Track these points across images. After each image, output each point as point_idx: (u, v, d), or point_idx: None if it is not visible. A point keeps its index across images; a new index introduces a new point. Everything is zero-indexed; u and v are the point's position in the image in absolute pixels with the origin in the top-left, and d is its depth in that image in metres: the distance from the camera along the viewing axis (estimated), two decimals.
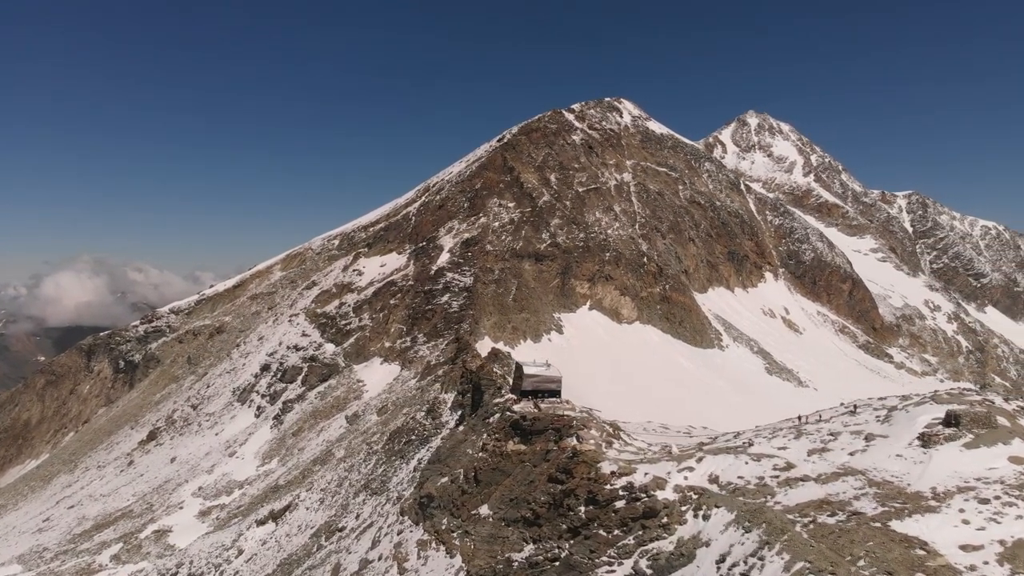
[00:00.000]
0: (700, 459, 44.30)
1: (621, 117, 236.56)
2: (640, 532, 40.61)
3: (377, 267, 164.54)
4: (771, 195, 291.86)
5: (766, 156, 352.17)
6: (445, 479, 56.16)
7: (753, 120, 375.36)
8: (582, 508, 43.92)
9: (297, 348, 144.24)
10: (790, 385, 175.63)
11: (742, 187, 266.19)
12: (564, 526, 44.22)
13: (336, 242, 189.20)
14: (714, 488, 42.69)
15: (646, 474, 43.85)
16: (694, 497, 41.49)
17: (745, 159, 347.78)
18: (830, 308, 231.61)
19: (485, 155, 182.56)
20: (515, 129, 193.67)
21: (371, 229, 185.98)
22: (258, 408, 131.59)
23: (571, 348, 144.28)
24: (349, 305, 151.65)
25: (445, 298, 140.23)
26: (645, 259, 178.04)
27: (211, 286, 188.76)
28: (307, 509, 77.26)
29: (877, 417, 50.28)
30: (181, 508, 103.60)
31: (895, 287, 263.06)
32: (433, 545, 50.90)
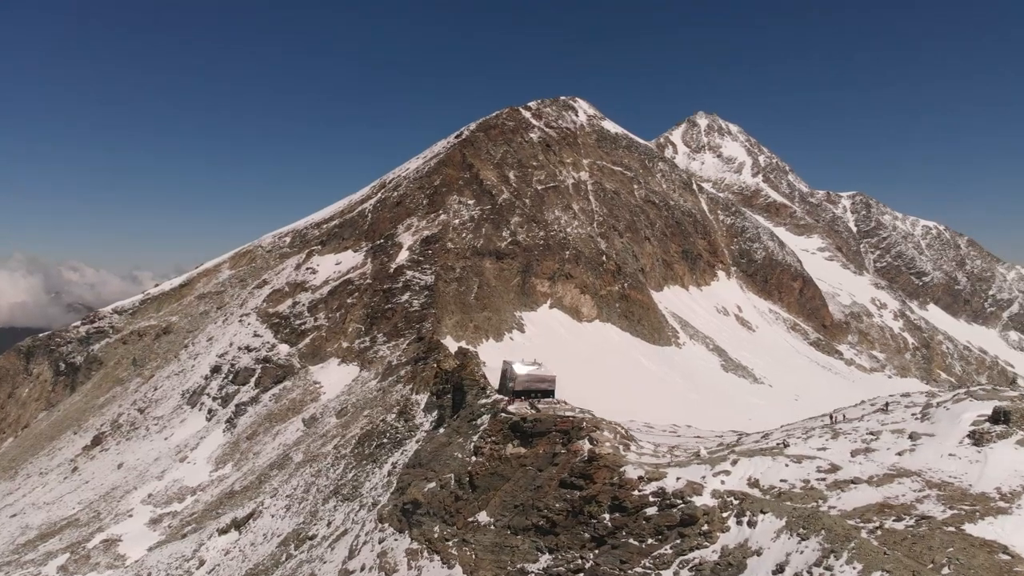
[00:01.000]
0: (735, 462, 42.32)
1: (576, 116, 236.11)
2: (678, 541, 38.46)
3: (332, 265, 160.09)
4: (721, 195, 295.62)
5: (716, 157, 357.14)
6: (432, 484, 53.47)
7: (703, 121, 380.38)
8: (606, 516, 41.68)
9: (249, 349, 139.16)
10: (746, 382, 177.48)
11: (694, 187, 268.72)
12: (587, 535, 41.99)
13: (288, 240, 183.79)
14: (755, 492, 40.71)
15: (678, 479, 41.72)
16: (735, 502, 39.41)
17: (695, 159, 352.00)
18: (781, 306, 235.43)
19: (443, 152, 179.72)
20: (473, 126, 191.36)
21: (325, 226, 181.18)
22: (209, 411, 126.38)
23: (534, 347, 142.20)
24: (303, 304, 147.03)
25: (406, 297, 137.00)
26: (604, 257, 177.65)
27: (156, 285, 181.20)
28: (272, 516, 73.62)
29: (914, 415, 49.42)
30: (130, 516, 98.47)
31: (843, 285, 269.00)
32: (425, 554, 48.24)
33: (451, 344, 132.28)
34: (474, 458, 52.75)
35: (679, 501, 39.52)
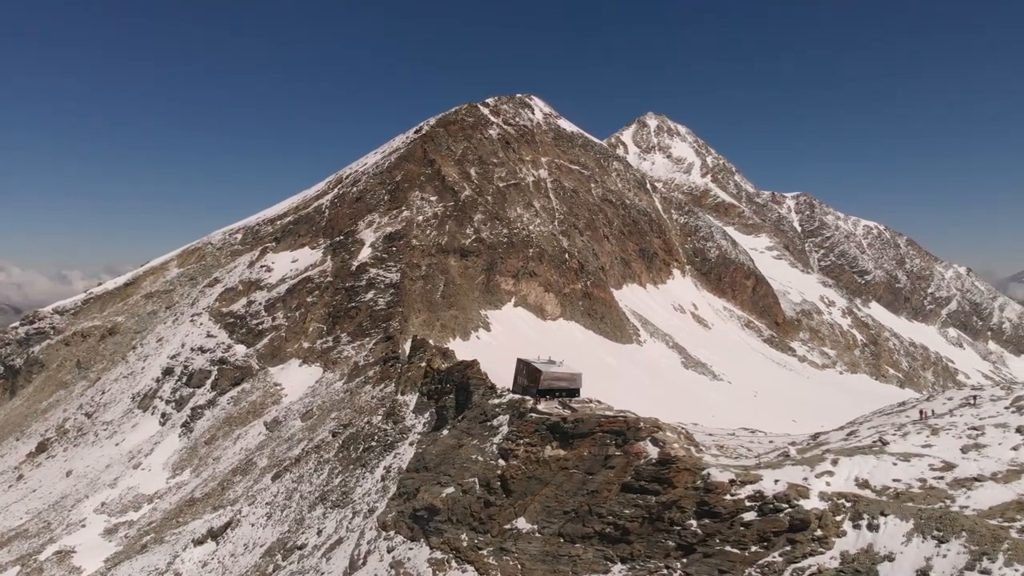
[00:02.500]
0: (835, 461, 39.88)
1: (533, 114, 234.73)
2: (788, 548, 36.07)
3: (288, 263, 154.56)
4: (673, 195, 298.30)
5: (666, 157, 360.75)
6: (450, 490, 50.20)
7: (652, 122, 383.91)
8: (693, 522, 39.08)
9: (203, 350, 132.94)
10: (706, 379, 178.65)
11: (648, 187, 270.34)
12: (671, 543, 39.25)
13: (239, 236, 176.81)
14: (868, 493, 38.36)
15: (776, 481, 39.13)
16: (847, 505, 37.20)
17: (646, 160, 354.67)
18: (735, 304, 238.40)
19: (403, 146, 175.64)
20: (433, 121, 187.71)
21: (278, 223, 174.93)
22: (163, 415, 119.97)
23: (500, 346, 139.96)
24: (260, 303, 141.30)
25: (370, 295, 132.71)
26: (567, 255, 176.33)
27: (99, 283, 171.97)
28: (252, 525, 69.24)
29: (1007, 408, 48.44)
30: (83, 526, 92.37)
31: (792, 284, 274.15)
32: (454, 564, 45.07)
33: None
34: (501, 461, 49.56)
35: (784, 505, 37.19)
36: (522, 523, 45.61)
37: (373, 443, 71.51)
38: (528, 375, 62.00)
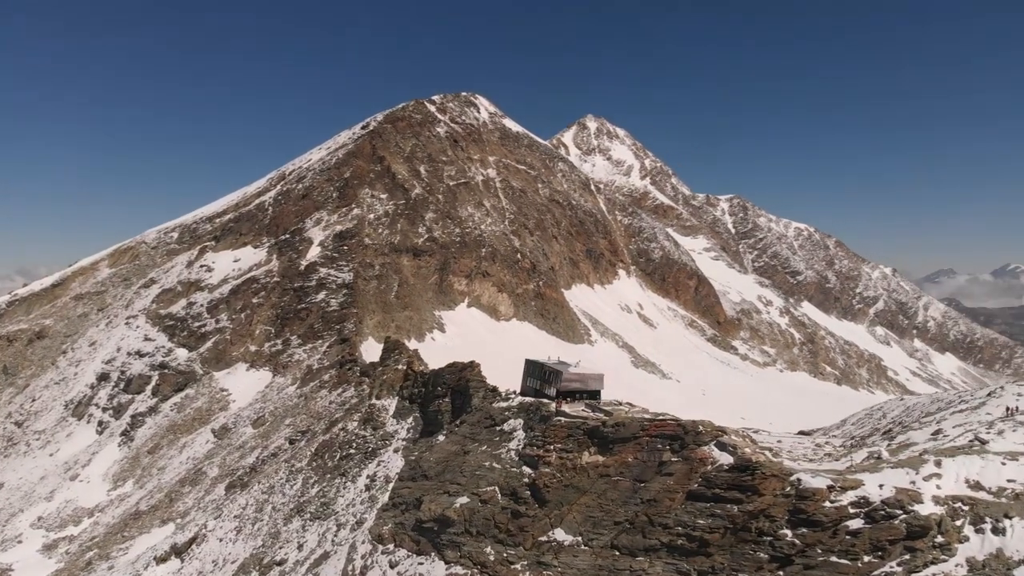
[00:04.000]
0: (938, 463, 38.37)
1: (479, 113, 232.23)
2: (907, 556, 34.02)
3: (230, 262, 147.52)
4: (615, 197, 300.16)
5: (606, 159, 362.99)
6: (464, 499, 46.77)
7: (592, 124, 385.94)
8: (787, 532, 36.51)
9: (141, 354, 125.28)
10: (655, 378, 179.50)
11: (592, 188, 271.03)
12: (762, 555, 36.60)
13: (175, 235, 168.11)
14: (984, 496, 36.58)
15: (881, 486, 36.83)
16: (964, 508, 35.55)
17: (587, 161, 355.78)
18: (679, 303, 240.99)
19: (351, 143, 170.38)
20: (380, 117, 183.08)
21: (217, 220, 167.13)
22: (100, 423, 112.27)
23: (455, 347, 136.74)
24: (201, 305, 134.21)
25: (321, 296, 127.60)
26: (519, 255, 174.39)
27: (24, 284, 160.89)
28: (221, 540, 64.22)
29: None
30: (20, 542, 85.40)
31: (731, 284, 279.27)
32: None
33: (374, 346, 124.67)
34: (526, 468, 46.36)
35: (898, 511, 35.05)
36: (561, 534, 42.48)
37: (351, 451, 67.43)
38: (543, 376, 59.26)
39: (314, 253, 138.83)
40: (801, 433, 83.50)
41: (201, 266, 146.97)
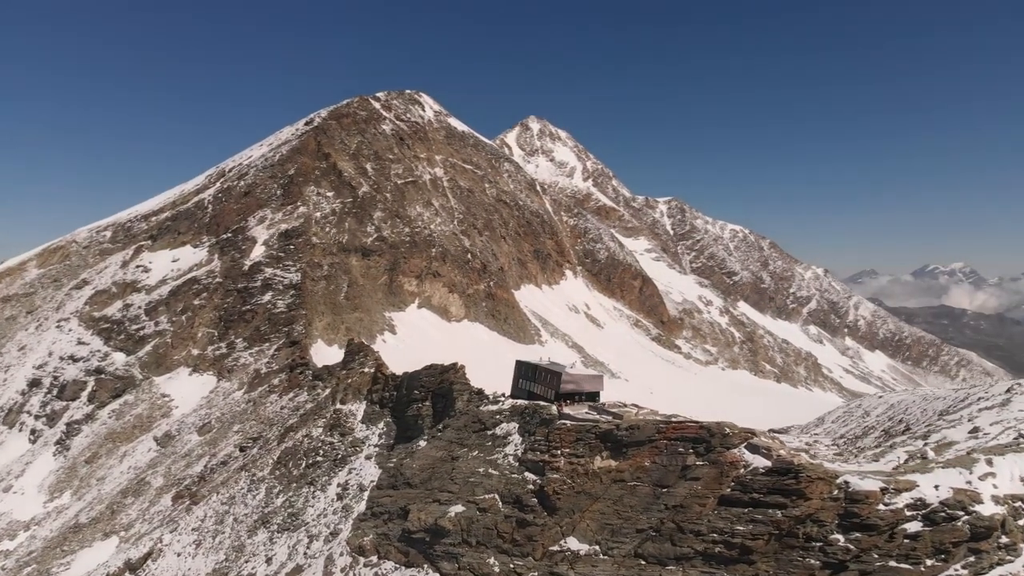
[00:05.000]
0: (990, 461, 37.36)
1: (424, 111, 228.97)
2: (971, 558, 32.79)
3: (168, 262, 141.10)
4: (560, 198, 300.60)
5: (549, 160, 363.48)
6: (459, 508, 44.28)
7: (535, 125, 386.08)
8: (839, 536, 34.92)
9: (74, 359, 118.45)
10: (605, 377, 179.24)
11: (538, 188, 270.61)
12: (813, 561, 34.97)
13: (108, 234, 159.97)
14: None
15: (937, 487, 35.57)
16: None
17: (530, 163, 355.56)
18: (624, 303, 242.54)
19: (295, 139, 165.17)
20: (324, 113, 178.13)
21: (154, 219, 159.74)
22: (33, 432, 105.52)
23: (406, 349, 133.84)
24: (139, 307, 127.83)
25: (267, 297, 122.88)
26: (469, 256, 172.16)
27: None
28: (179, 555, 60.03)
29: None
30: None
31: (672, 284, 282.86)
32: None
33: (323, 348, 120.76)
34: (529, 474, 44.12)
35: (960, 512, 33.89)
36: (574, 543, 40.40)
37: (318, 458, 64.11)
38: (538, 378, 57.21)
39: (258, 252, 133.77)
40: (773, 432, 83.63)
41: (137, 266, 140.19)
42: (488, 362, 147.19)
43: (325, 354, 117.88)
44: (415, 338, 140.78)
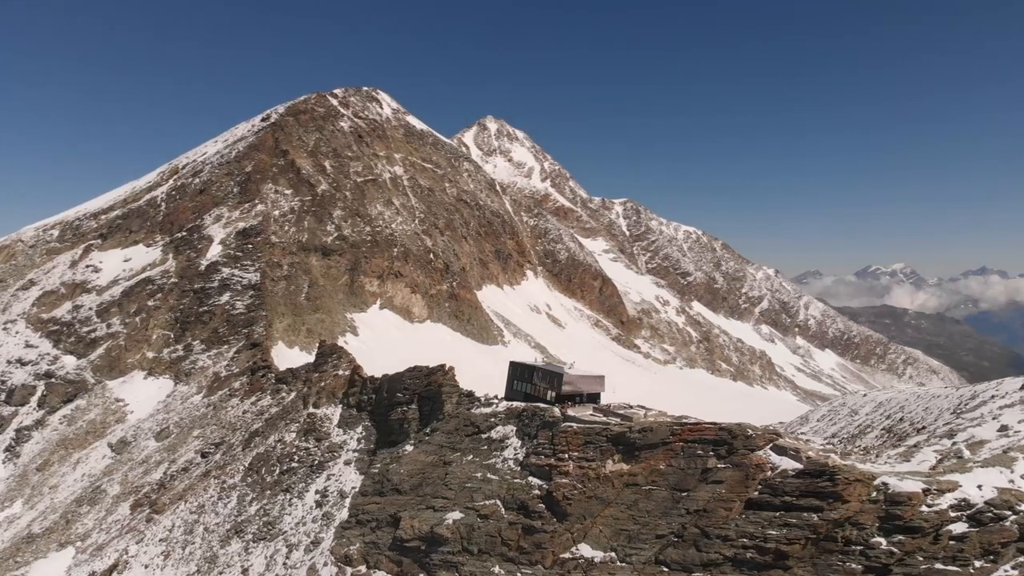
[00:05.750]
0: (1014, 459, 37.23)
1: (382, 108, 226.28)
2: (1021, 558, 32.27)
3: (119, 262, 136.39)
4: (520, 198, 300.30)
5: (507, 161, 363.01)
6: (456, 515, 42.76)
7: (493, 125, 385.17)
8: (881, 540, 34.02)
9: (23, 362, 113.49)
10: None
11: (497, 188, 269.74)
12: (854, 565, 33.96)
13: (55, 232, 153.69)
14: None
15: (980, 486, 34.84)
16: None
17: (488, 162, 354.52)
18: (584, 304, 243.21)
19: (251, 135, 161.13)
20: (282, 109, 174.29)
21: (104, 217, 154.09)
22: None
23: (369, 350, 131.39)
24: (90, 308, 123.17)
25: (225, 298, 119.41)
26: (432, 256, 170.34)
27: None
28: (147, 567, 57.22)
29: None
30: None
31: (630, 284, 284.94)
32: None
33: (284, 351, 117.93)
34: (533, 479, 42.73)
35: (1007, 512, 33.24)
36: (587, 550, 39.17)
37: (293, 464, 61.93)
38: (535, 379, 55.71)
39: (215, 252, 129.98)
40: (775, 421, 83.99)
41: (87, 266, 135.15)
42: (453, 363, 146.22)
43: (286, 356, 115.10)
44: (377, 339, 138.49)
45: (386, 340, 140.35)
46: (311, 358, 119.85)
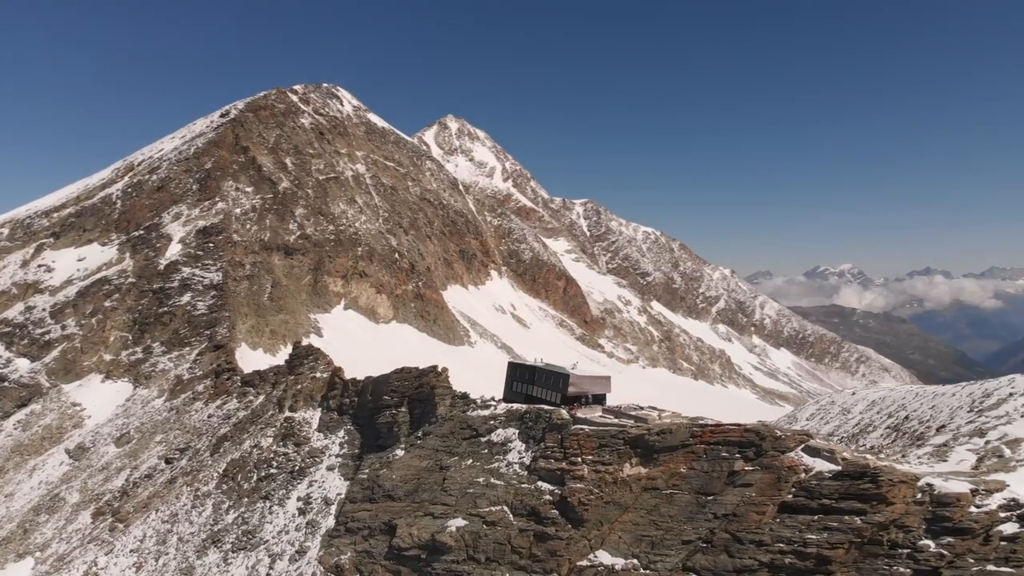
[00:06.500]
0: None
1: (342, 105, 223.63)
2: None
3: (73, 261, 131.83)
4: (483, 198, 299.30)
5: (468, 160, 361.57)
6: (460, 521, 41.37)
7: (453, 124, 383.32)
8: (930, 542, 33.15)
9: None
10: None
11: (460, 187, 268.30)
12: (902, 569, 33.14)
13: (5, 231, 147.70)
14: None
15: None
16: None
17: (449, 161, 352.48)
18: (549, 304, 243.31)
19: (211, 131, 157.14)
20: (241, 105, 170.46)
21: (56, 215, 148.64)
22: None
23: (334, 352, 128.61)
24: (43, 309, 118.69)
25: (186, 298, 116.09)
26: (397, 255, 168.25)
27: None
28: None
29: None
30: None
31: (592, 284, 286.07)
32: None
33: (248, 353, 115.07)
34: (543, 483, 41.33)
35: None
36: (606, 557, 38.02)
37: (272, 470, 59.88)
38: (538, 380, 54.30)
39: (175, 251, 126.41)
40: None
41: (39, 266, 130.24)
42: (416, 363, 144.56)
43: (250, 358, 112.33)
44: (342, 341, 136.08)
45: (351, 341, 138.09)
46: (275, 360, 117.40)
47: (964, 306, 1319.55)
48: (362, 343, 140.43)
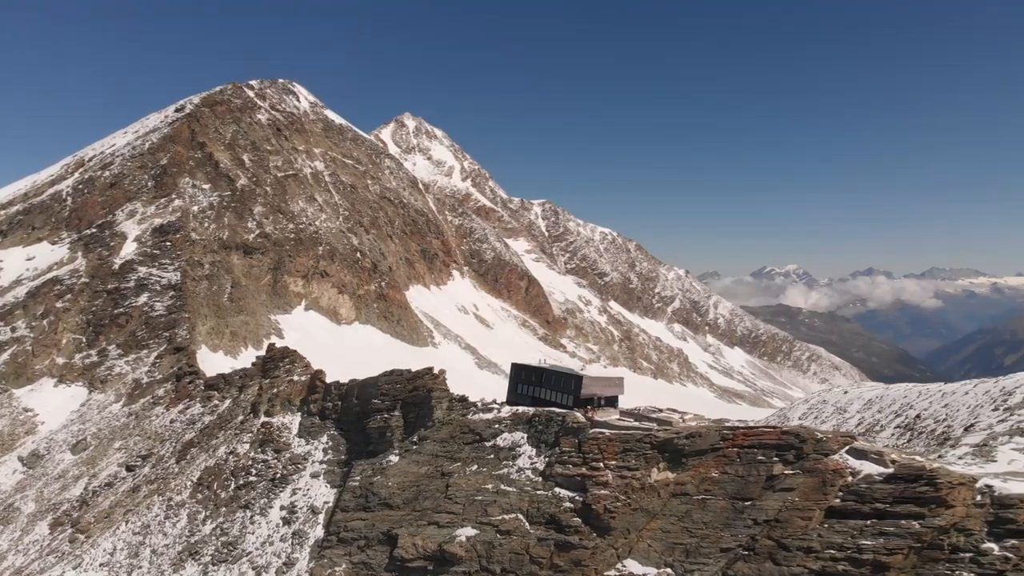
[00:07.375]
0: None
1: (299, 101, 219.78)
2: None
3: (22, 261, 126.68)
4: (443, 197, 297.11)
5: (426, 159, 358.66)
6: (470, 531, 39.76)
7: (411, 123, 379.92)
8: (993, 546, 32.32)
9: None
10: (499, 378, 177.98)
11: (420, 186, 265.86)
12: (966, 573, 32.37)
13: None
14: None
15: None
16: None
17: (407, 160, 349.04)
18: (511, 304, 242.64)
19: (165, 126, 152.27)
20: (196, 99, 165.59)
21: (3, 213, 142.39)
22: None
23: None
24: None
25: (143, 299, 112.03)
26: (359, 255, 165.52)
27: None
28: None
29: None
30: None
31: (554, 284, 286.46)
32: None
33: (208, 355, 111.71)
34: (562, 490, 39.69)
35: None
36: (636, 567, 36.75)
37: (251, 478, 57.52)
38: (546, 382, 52.67)
39: (130, 250, 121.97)
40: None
41: None
42: (381, 365, 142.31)
43: (210, 361, 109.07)
44: (304, 342, 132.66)
45: (313, 343, 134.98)
46: (236, 362, 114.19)
47: (905, 306, 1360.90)
48: (325, 345, 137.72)
